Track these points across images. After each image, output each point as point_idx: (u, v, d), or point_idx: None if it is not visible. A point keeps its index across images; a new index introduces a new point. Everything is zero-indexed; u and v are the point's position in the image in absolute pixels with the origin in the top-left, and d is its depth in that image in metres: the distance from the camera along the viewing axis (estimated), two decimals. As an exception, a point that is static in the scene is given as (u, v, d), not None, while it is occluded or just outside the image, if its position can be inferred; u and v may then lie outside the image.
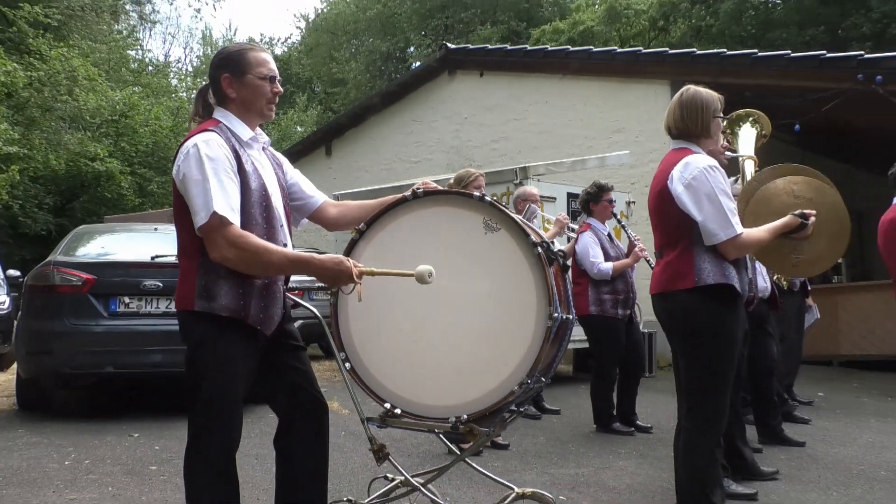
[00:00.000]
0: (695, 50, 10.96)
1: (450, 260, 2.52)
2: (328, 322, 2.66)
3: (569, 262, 5.20)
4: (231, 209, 2.28)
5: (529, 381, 2.43)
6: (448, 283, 2.47)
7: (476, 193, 2.53)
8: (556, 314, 2.42)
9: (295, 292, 2.69)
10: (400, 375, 2.58)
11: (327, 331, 2.65)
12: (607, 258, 5.55)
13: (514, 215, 2.53)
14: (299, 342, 2.61)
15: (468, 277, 2.51)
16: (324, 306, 2.70)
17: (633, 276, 5.74)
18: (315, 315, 2.80)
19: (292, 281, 2.66)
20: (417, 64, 23.16)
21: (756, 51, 9.96)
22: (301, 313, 2.86)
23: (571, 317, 2.73)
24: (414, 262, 2.42)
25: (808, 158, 9.58)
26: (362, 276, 2.33)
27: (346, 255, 2.60)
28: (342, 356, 2.63)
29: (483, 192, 2.63)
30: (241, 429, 2.42)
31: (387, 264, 2.51)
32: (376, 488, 2.99)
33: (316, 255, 2.35)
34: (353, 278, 2.29)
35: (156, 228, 6.77)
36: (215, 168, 2.29)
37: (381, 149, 13.39)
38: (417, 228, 2.58)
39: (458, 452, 2.95)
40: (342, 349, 2.63)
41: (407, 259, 2.54)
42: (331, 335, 2.64)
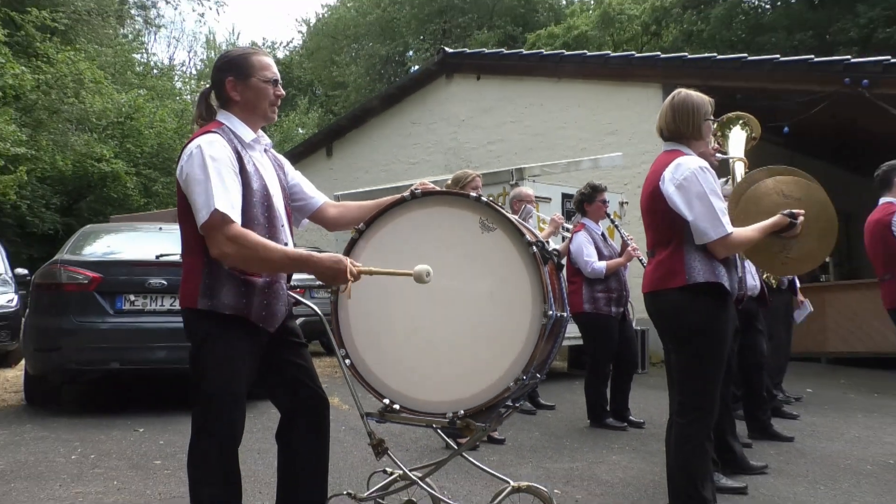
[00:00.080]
0: (686, 54, 10.98)
1: (447, 259, 2.51)
2: (329, 319, 2.65)
3: (563, 261, 5.20)
4: (232, 207, 2.27)
5: (525, 378, 2.43)
6: (445, 282, 2.46)
7: (473, 194, 2.53)
8: (550, 312, 2.41)
9: (296, 290, 2.68)
10: (398, 372, 2.58)
11: (328, 328, 2.65)
12: (601, 257, 5.55)
13: (509, 215, 2.52)
14: (301, 339, 2.61)
15: (465, 276, 2.51)
16: (325, 304, 2.70)
17: (626, 274, 5.75)
18: (316, 313, 2.79)
19: (294, 279, 2.66)
20: (416, 67, 23.15)
21: (746, 55, 9.95)
22: (302, 311, 2.86)
23: (566, 314, 2.72)
24: (412, 260, 2.41)
25: (796, 160, 9.56)
26: (360, 275, 2.33)
27: (346, 254, 2.60)
28: (342, 353, 2.62)
29: (480, 193, 2.62)
30: (243, 425, 2.41)
31: (386, 263, 2.51)
32: (375, 482, 2.98)
33: (315, 253, 2.34)
34: (350, 277, 2.29)
35: (160, 228, 6.75)
36: (217, 168, 2.29)
37: (381, 150, 13.38)
38: (415, 228, 2.57)
39: (456, 447, 2.95)
40: (342, 346, 2.63)
41: (405, 258, 2.54)
42: (331, 332, 2.64)
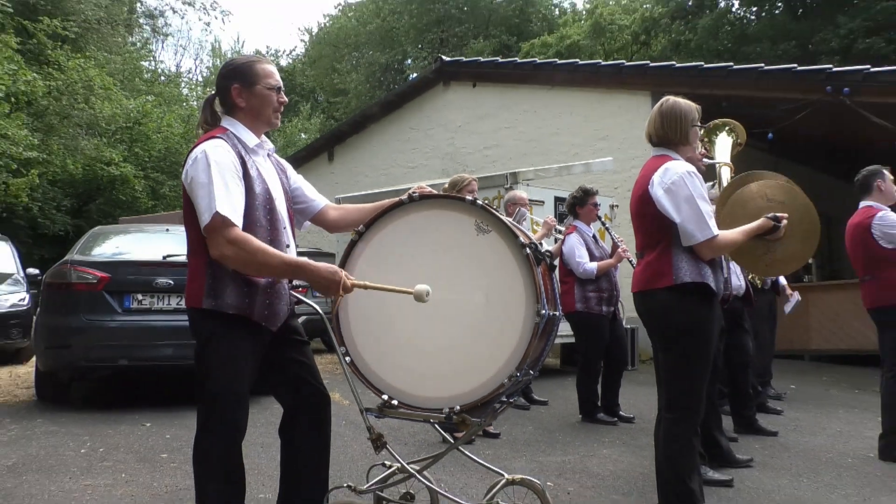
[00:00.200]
0: (674, 63, 10.99)
1: (443, 260, 2.51)
2: (329, 318, 2.65)
3: (556, 262, 5.21)
4: (234, 210, 2.27)
5: (519, 374, 2.43)
6: (442, 283, 2.47)
7: (469, 197, 2.53)
8: (543, 311, 2.41)
9: (299, 290, 2.68)
10: (397, 369, 2.57)
11: (329, 326, 2.65)
12: (592, 258, 5.56)
13: (504, 218, 2.52)
14: (303, 337, 2.60)
15: (461, 277, 2.51)
16: (326, 303, 2.70)
17: (617, 275, 5.75)
18: (317, 312, 2.79)
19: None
20: (414, 75, 23.13)
21: (732, 64, 9.99)
22: (304, 310, 2.86)
23: (558, 313, 2.72)
24: (410, 262, 2.41)
25: (780, 165, 9.60)
26: (354, 287, 2.33)
27: (346, 255, 2.60)
28: (343, 350, 2.62)
29: (475, 196, 2.61)
30: (245, 423, 2.41)
31: (384, 264, 2.50)
32: (375, 475, 2.98)
33: (312, 261, 2.34)
34: (342, 290, 2.29)
35: (167, 229, 6.73)
36: (221, 172, 2.28)
37: (380, 155, 13.38)
38: (413, 230, 2.57)
39: (452, 441, 2.95)
40: (343, 344, 2.63)
41: (403, 259, 2.54)
42: (332, 330, 2.63)
